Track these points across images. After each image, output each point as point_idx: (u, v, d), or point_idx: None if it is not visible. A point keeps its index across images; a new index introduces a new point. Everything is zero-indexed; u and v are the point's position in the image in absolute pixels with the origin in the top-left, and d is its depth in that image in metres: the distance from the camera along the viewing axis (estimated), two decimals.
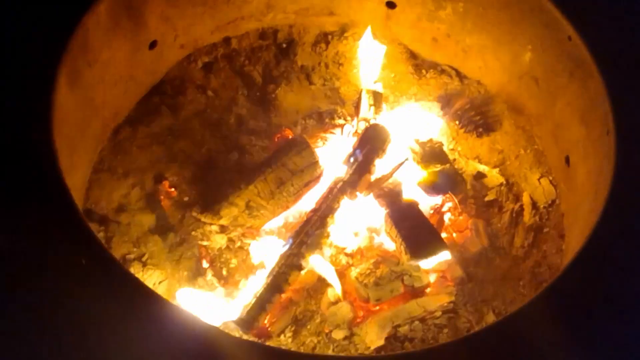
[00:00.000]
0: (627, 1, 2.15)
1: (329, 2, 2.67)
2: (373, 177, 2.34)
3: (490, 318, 2.09)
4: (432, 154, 2.42)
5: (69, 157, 1.87)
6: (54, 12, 1.92)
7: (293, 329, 2.06)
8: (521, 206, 2.38)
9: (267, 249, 2.19)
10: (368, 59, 2.64)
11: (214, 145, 2.45)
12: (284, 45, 2.74)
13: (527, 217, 2.34)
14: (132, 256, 2.12)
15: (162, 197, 2.29)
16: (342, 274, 2.18)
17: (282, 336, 2.05)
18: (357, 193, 2.28)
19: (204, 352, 1.44)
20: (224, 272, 2.16)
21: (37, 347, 1.42)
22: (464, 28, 2.53)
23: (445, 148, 2.50)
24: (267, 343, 2.00)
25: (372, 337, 2.01)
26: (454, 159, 2.51)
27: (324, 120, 2.58)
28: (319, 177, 2.33)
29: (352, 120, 2.57)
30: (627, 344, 1.56)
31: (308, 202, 2.31)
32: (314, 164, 2.29)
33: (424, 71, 2.72)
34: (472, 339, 1.65)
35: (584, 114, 2.10)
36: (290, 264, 2.07)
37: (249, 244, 2.21)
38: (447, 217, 2.39)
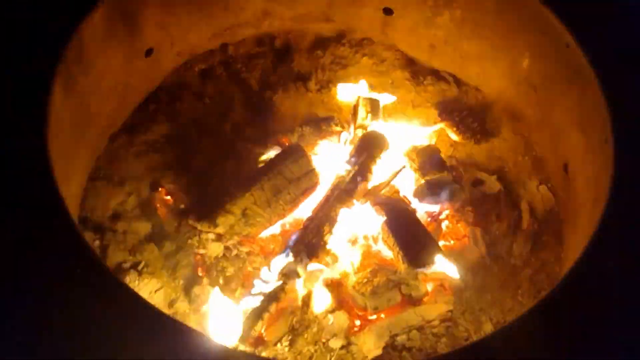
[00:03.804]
0: (625, 8, 2.15)
1: (325, 9, 2.67)
2: (370, 185, 2.34)
3: (489, 327, 2.08)
4: (429, 161, 2.41)
5: (65, 165, 1.85)
6: (49, 20, 1.91)
7: (290, 338, 2.05)
8: (519, 213, 2.37)
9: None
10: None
11: (210, 152, 2.44)
12: (281, 52, 2.73)
13: (526, 224, 2.33)
14: (127, 264, 2.11)
15: (158, 205, 2.29)
16: (339, 283, 2.17)
17: (278, 345, 2.03)
18: (354, 201, 2.27)
19: None
20: (220, 281, 2.15)
21: (29, 355, 1.41)
22: (461, 34, 2.52)
23: (443, 155, 2.49)
24: (263, 352, 1.99)
25: (370, 347, 2.00)
26: (452, 166, 2.50)
27: (320, 128, 2.58)
28: (315, 185, 2.32)
29: (349, 127, 2.56)
30: (626, 352, 1.55)
31: (305, 210, 2.30)
32: (310, 171, 2.29)
33: (421, 77, 2.71)
34: (470, 348, 1.64)
35: (582, 121, 2.09)
36: (287, 272, 2.06)
37: (246, 252, 2.20)
38: (444, 224, 2.38)
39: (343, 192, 2.24)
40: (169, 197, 2.31)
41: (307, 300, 2.12)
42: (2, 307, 1.46)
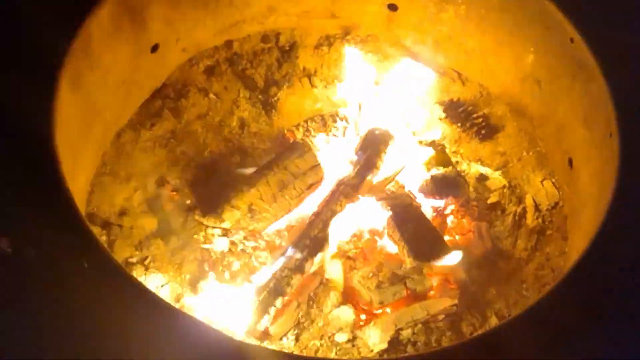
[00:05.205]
0: (629, 3, 2.15)
1: (330, 5, 2.67)
2: (375, 180, 2.34)
3: (494, 321, 2.09)
4: (434, 157, 2.42)
5: (71, 161, 1.86)
6: (56, 16, 1.92)
7: (296, 332, 2.06)
8: (524, 209, 2.37)
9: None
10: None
11: (216, 148, 2.45)
12: (286, 48, 2.74)
13: (530, 219, 2.34)
14: (134, 260, 2.12)
15: (164, 200, 2.29)
16: (344, 277, 2.18)
17: (284, 339, 2.04)
18: (359, 196, 2.28)
19: (207, 356, 1.44)
20: (227, 276, 2.16)
21: (38, 350, 1.42)
22: (465, 30, 2.52)
23: (447, 150, 2.50)
24: (270, 346, 2.00)
25: (375, 341, 2.01)
26: (457, 162, 2.51)
27: (326, 123, 2.58)
28: (321, 180, 2.33)
29: (354, 123, 2.57)
30: (631, 345, 1.56)
31: (310, 205, 2.30)
32: (316, 167, 2.29)
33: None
34: (475, 342, 1.65)
35: (586, 116, 2.10)
36: (292, 267, 2.07)
37: (252, 247, 2.21)
38: (449, 219, 2.39)
39: (348, 187, 2.25)
40: (175, 193, 2.32)
41: (313, 295, 2.13)
42: (9, 303, 1.47)
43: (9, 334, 1.43)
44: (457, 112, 2.60)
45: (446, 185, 2.37)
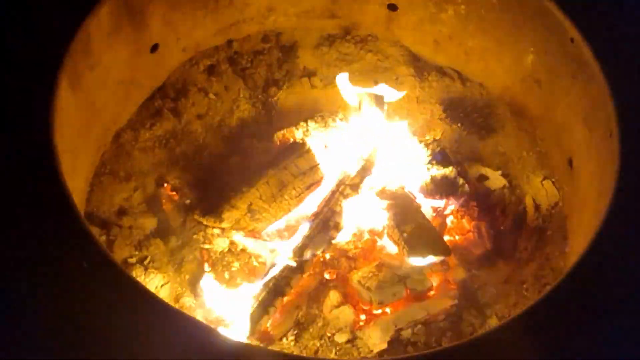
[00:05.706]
0: (629, 3, 2.14)
1: (330, 5, 2.67)
2: (375, 180, 2.34)
3: (494, 321, 2.09)
4: (434, 157, 2.42)
5: (71, 161, 1.86)
6: (55, 16, 1.92)
7: (295, 332, 2.06)
8: (524, 209, 2.37)
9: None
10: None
11: (215, 148, 2.45)
12: (286, 48, 2.73)
13: (530, 219, 2.33)
14: (133, 259, 2.12)
15: (163, 200, 2.29)
16: (344, 277, 2.18)
17: (284, 340, 2.04)
18: (359, 196, 2.27)
19: (206, 356, 1.44)
20: (226, 275, 2.16)
21: (37, 350, 1.41)
22: (465, 30, 2.52)
23: (448, 150, 2.49)
24: (269, 347, 2.00)
25: (375, 341, 2.01)
26: (457, 161, 2.50)
27: (326, 123, 2.58)
28: (320, 180, 2.33)
29: (354, 123, 2.57)
30: (632, 345, 1.55)
31: (310, 205, 2.30)
32: (315, 167, 2.29)
33: (426, 73, 2.70)
34: (475, 342, 1.65)
35: (586, 116, 2.09)
36: (292, 267, 2.06)
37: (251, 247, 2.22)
38: (449, 219, 2.39)
39: (348, 187, 2.25)
40: (174, 193, 2.32)
41: (312, 295, 2.13)
42: (9, 303, 1.47)
43: (8, 333, 1.43)
44: (457, 112, 2.60)
45: (446, 185, 2.36)
